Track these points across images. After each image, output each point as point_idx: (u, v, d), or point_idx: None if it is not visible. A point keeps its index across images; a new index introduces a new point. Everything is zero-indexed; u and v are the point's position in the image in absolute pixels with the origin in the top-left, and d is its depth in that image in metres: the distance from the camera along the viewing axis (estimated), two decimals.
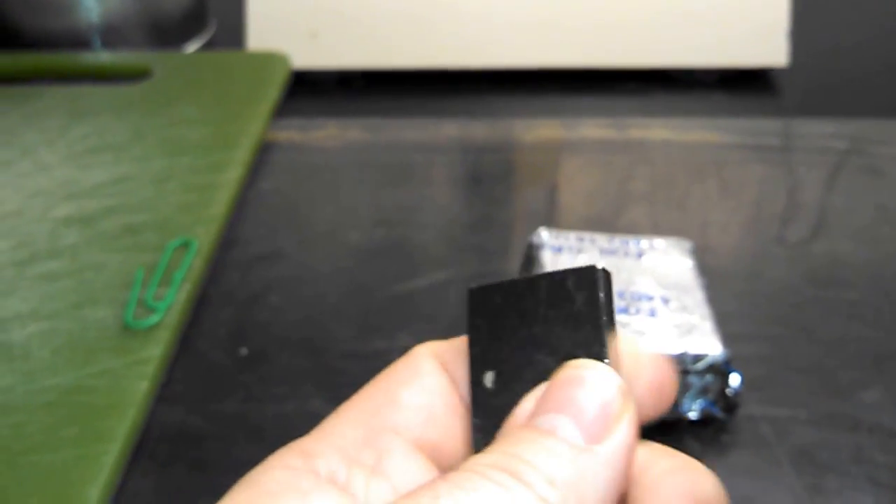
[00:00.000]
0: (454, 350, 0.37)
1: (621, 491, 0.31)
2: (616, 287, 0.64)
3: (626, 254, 0.69)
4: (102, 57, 1.02)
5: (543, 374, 0.34)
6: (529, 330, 0.35)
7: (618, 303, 0.64)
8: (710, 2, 1.00)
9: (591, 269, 0.34)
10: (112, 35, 1.03)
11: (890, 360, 0.68)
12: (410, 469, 0.35)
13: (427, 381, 0.36)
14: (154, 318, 0.67)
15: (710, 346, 0.61)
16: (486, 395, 0.35)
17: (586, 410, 0.31)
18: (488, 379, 0.35)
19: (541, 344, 0.34)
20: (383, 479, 0.34)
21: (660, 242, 0.70)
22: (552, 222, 0.71)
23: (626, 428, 0.31)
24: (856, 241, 0.80)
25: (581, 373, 0.32)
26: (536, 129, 0.96)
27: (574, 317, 0.34)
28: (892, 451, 0.61)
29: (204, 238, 0.75)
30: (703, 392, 0.62)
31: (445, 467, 0.36)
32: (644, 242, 0.70)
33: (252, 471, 0.32)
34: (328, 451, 0.33)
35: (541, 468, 0.29)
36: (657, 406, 0.36)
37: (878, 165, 0.88)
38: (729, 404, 0.62)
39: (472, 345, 0.36)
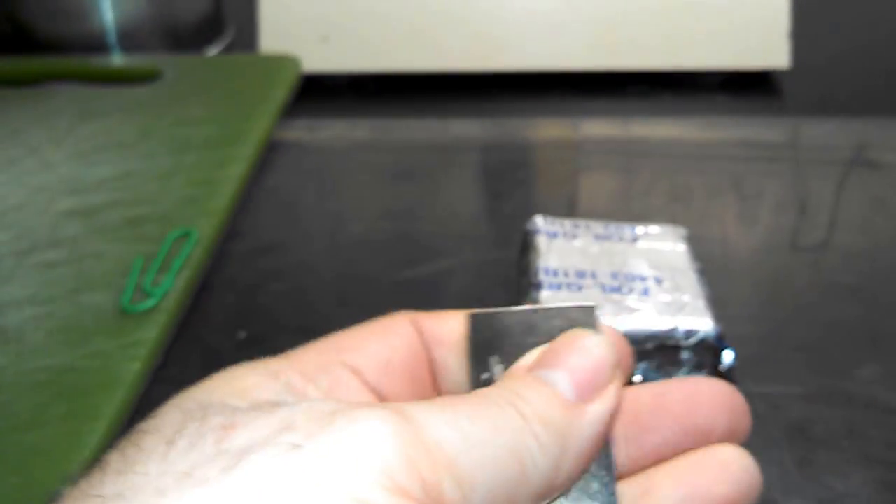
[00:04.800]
0: (432, 319, 0.39)
1: (596, 451, 0.33)
2: (610, 269, 0.63)
3: (621, 238, 0.67)
4: (114, 60, 1.01)
5: None
6: (528, 342, 0.36)
7: (611, 283, 0.62)
8: (714, 6, 0.98)
9: (590, 308, 0.37)
10: (128, 40, 1.02)
11: (886, 339, 0.67)
12: (361, 399, 0.36)
13: (393, 339, 0.37)
14: (150, 303, 0.65)
15: (702, 323, 0.60)
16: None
17: (581, 371, 0.33)
18: (486, 376, 0.36)
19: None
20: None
21: (654, 228, 0.69)
22: (555, 214, 0.69)
23: (613, 394, 0.33)
24: (854, 231, 0.79)
25: (580, 338, 0.34)
26: (543, 128, 0.95)
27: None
28: (885, 427, 0.60)
29: (205, 229, 0.74)
30: (697, 368, 0.60)
31: None
32: (639, 228, 0.68)
33: (217, 373, 0.34)
34: (289, 370, 0.34)
35: (537, 409, 0.31)
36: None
37: (877, 160, 0.87)
38: (722, 380, 0.60)
39: (472, 360, 0.37)
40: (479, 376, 0.36)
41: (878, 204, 0.82)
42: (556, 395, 0.32)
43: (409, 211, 0.83)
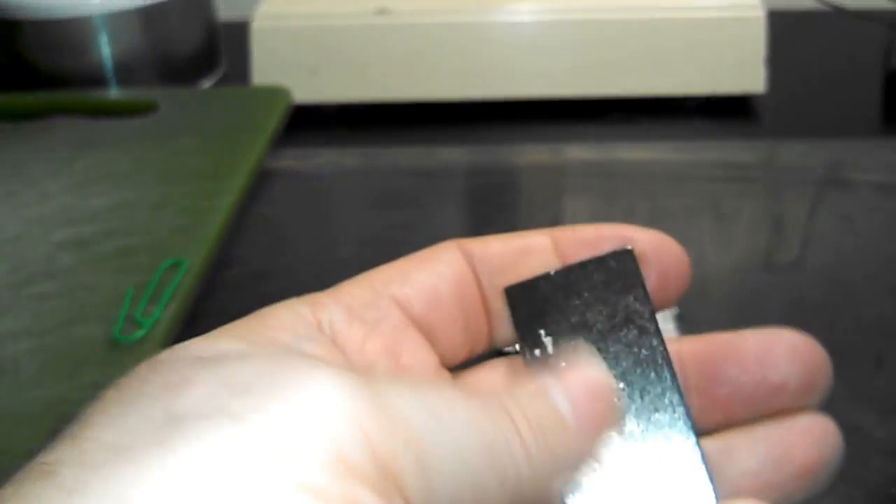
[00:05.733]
0: (479, 243, 0.38)
1: (578, 462, 0.32)
2: None
3: None
4: (111, 94, 1.02)
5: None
6: (572, 304, 0.35)
7: None
8: (692, 34, 0.99)
9: (628, 252, 0.36)
10: (126, 74, 1.04)
11: (850, 357, 0.66)
12: (405, 340, 0.35)
13: (441, 268, 0.37)
14: (140, 333, 0.67)
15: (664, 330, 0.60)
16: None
17: (579, 388, 0.32)
18: (538, 352, 0.35)
19: (592, 316, 0.36)
20: (379, 339, 0.35)
21: None
22: None
23: (607, 418, 0.32)
24: (826, 249, 0.80)
25: (583, 360, 0.33)
26: (526, 153, 0.96)
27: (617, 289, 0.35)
28: (848, 443, 0.59)
29: (196, 258, 0.75)
30: None
31: (438, 351, 0.36)
32: None
33: (264, 308, 0.34)
34: (335, 304, 0.34)
35: (528, 416, 0.30)
36: (669, 286, 0.38)
37: (849, 180, 0.88)
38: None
39: (519, 332, 0.36)
40: (532, 352, 0.35)
41: (850, 223, 0.82)
42: (552, 407, 0.31)
43: (395, 236, 0.84)
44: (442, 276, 0.36)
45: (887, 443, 0.61)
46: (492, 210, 0.88)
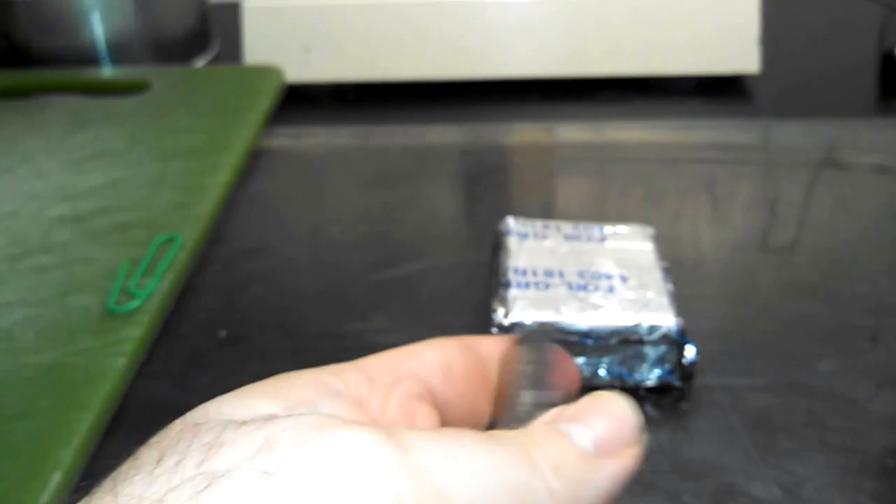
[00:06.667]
0: (485, 340, 0.39)
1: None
2: (577, 268, 0.64)
3: (590, 238, 0.68)
4: (104, 73, 1.02)
5: None
6: None
7: (578, 281, 0.63)
8: (686, 13, 0.99)
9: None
10: (118, 53, 1.03)
11: (844, 334, 0.68)
12: (420, 409, 0.36)
13: (449, 350, 0.38)
14: (134, 304, 0.67)
15: (664, 319, 0.61)
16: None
17: (602, 426, 0.31)
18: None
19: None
20: (398, 404, 0.35)
21: (622, 228, 0.69)
22: (531, 217, 0.70)
23: (633, 454, 0.32)
24: (821, 230, 0.79)
25: (604, 399, 0.33)
26: (519, 133, 0.96)
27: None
28: (844, 415, 0.60)
29: (189, 234, 0.75)
30: (660, 362, 0.61)
31: (447, 424, 0.37)
32: (607, 228, 0.69)
33: (289, 372, 0.34)
34: (356, 372, 0.35)
35: (550, 457, 0.30)
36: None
37: (844, 161, 0.88)
38: (685, 374, 0.62)
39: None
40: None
41: (845, 203, 0.82)
42: (573, 445, 0.31)
43: (387, 214, 0.84)
44: (453, 357, 0.38)
45: (883, 416, 0.61)
46: (484, 189, 0.88)
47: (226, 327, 0.69)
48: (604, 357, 0.61)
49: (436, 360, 0.37)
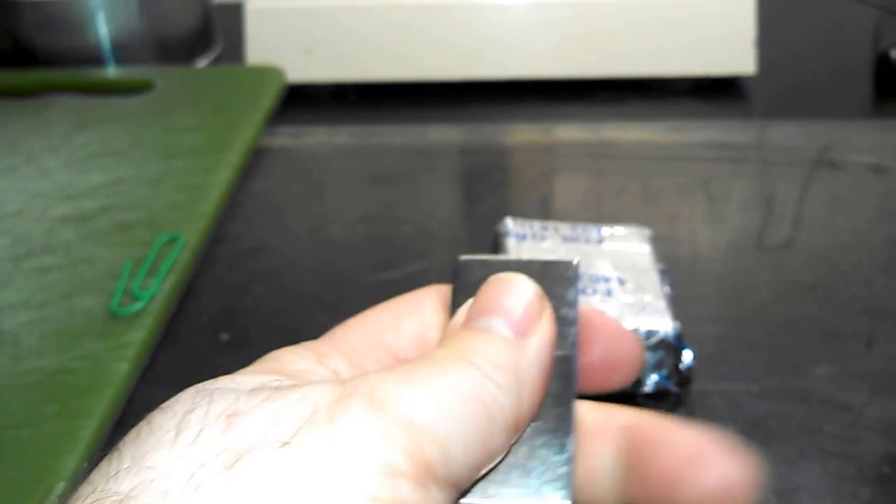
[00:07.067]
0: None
1: (546, 378, 0.34)
2: None
3: (587, 240, 0.68)
4: (108, 72, 1.02)
5: None
6: None
7: None
8: (682, 15, 0.99)
9: (569, 263, 0.37)
10: (122, 53, 1.03)
11: (840, 338, 0.68)
12: None
13: (427, 316, 0.38)
14: (138, 306, 0.67)
15: (662, 323, 0.61)
16: None
17: (514, 311, 0.34)
18: None
19: None
20: None
21: (620, 230, 0.70)
22: (529, 216, 0.70)
23: (547, 323, 0.34)
24: (817, 230, 0.79)
25: (502, 282, 0.35)
26: (517, 133, 0.96)
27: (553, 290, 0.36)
28: (840, 422, 0.60)
29: (192, 234, 0.75)
30: (657, 367, 0.61)
31: None
32: (605, 230, 0.70)
33: (271, 352, 0.36)
34: (335, 352, 0.36)
35: (484, 355, 0.32)
36: (612, 375, 0.39)
37: (839, 161, 0.88)
38: (682, 379, 0.62)
39: (455, 298, 0.37)
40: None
41: (840, 203, 0.83)
42: (495, 338, 0.33)
43: (387, 214, 0.84)
44: (429, 325, 0.38)
45: (878, 421, 0.61)
46: (483, 189, 0.88)
47: (227, 330, 0.70)
48: None
49: (412, 331, 0.38)
